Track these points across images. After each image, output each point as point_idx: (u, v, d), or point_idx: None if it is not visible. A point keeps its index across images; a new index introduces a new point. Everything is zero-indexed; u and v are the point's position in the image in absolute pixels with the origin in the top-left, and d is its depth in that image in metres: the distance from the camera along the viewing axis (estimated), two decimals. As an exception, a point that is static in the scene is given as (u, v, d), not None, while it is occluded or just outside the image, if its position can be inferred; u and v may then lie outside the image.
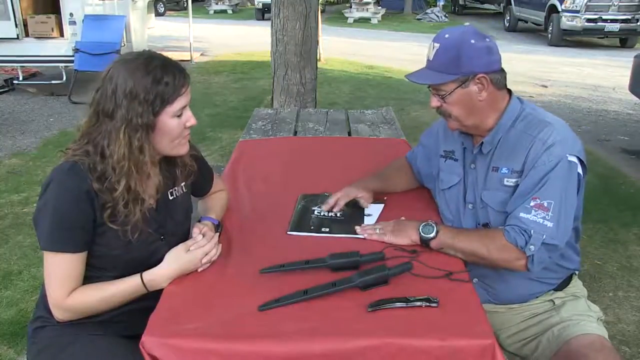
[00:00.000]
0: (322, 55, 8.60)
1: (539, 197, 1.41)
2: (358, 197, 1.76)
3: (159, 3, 16.63)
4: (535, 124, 1.50)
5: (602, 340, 1.44)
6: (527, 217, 1.41)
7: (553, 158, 1.43)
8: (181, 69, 1.37)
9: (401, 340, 1.16)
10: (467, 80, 1.47)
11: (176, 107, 1.34)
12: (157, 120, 1.33)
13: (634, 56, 5.10)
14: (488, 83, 1.48)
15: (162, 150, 1.40)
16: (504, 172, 1.52)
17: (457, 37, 1.48)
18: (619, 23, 11.09)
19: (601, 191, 4.11)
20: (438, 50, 1.48)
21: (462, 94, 1.48)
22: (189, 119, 1.39)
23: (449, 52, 1.47)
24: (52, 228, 1.30)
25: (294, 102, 4.13)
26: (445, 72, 1.47)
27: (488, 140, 1.55)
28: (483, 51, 1.48)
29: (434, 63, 1.50)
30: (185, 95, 1.36)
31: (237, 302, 1.30)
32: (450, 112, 1.52)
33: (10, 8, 6.57)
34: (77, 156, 1.33)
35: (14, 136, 5.37)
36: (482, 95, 1.49)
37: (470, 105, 1.50)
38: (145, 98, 1.29)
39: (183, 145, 1.43)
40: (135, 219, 1.35)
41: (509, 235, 1.42)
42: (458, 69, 1.46)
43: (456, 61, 1.46)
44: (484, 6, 18.64)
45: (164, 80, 1.31)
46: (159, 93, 1.30)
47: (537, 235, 1.40)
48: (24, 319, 2.48)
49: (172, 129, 1.36)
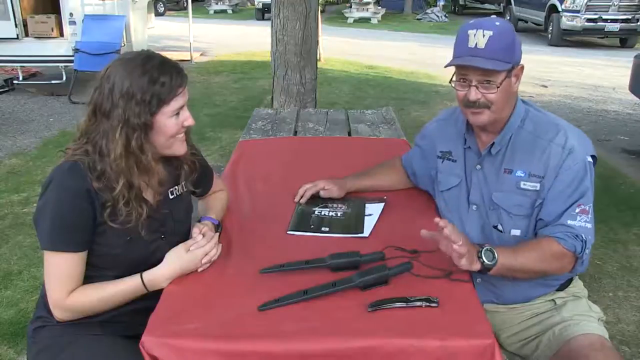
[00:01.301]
0: (322, 55, 8.60)
1: (582, 203, 1.44)
2: (324, 189, 1.80)
3: (159, 3, 16.62)
4: (546, 126, 1.51)
5: (603, 341, 1.43)
6: (575, 223, 1.43)
7: (578, 161, 1.45)
8: (179, 69, 1.37)
9: (401, 340, 1.16)
10: (513, 69, 1.46)
11: (173, 107, 1.35)
12: (154, 120, 1.33)
13: (634, 56, 5.10)
14: (521, 74, 1.49)
15: (160, 150, 1.40)
16: (520, 175, 1.50)
17: (507, 25, 1.47)
18: (619, 23, 11.09)
19: (601, 191, 4.10)
20: (492, 37, 1.40)
21: (506, 84, 1.45)
22: (186, 119, 1.40)
23: (506, 38, 1.42)
24: (52, 228, 1.30)
25: (294, 102, 4.12)
26: (502, 59, 1.41)
27: (498, 141, 1.54)
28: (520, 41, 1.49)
29: (487, 50, 1.40)
30: (182, 95, 1.37)
31: (237, 302, 1.30)
32: (493, 104, 1.46)
33: (10, 8, 6.56)
34: (76, 156, 1.33)
35: (14, 136, 5.37)
36: (516, 86, 1.49)
37: (508, 97, 1.49)
38: (142, 98, 1.30)
39: (180, 146, 1.43)
40: (137, 216, 1.36)
41: (566, 243, 1.42)
42: (512, 57, 1.43)
43: (512, 48, 1.43)
44: (484, 6, 18.64)
45: (161, 80, 1.31)
46: (155, 93, 1.31)
47: (588, 238, 1.44)
48: (24, 319, 2.48)
49: (169, 129, 1.36)
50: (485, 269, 1.37)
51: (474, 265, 1.36)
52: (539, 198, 1.48)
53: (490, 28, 1.41)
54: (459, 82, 1.48)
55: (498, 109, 1.47)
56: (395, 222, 1.71)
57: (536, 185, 1.48)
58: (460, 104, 1.52)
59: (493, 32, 1.40)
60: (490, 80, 1.43)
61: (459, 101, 1.51)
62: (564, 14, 11.35)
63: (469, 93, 1.45)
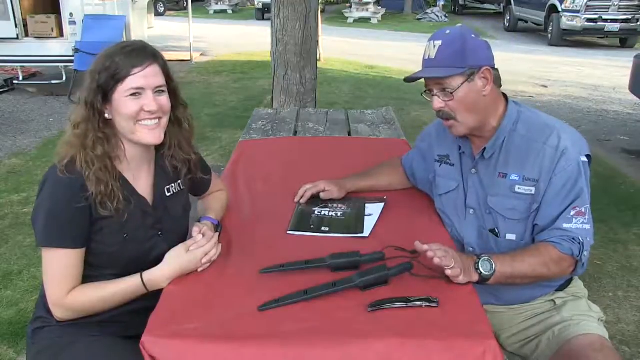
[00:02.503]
0: (322, 55, 8.60)
1: (577, 205, 1.44)
2: (324, 190, 1.80)
3: (159, 3, 16.63)
4: (539, 128, 1.50)
5: (603, 341, 1.43)
6: (570, 226, 1.43)
7: (571, 162, 1.45)
8: (144, 52, 1.37)
9: (401, 340, 1.16)
10: (474, 74, 1.46)
11: (128, 85, 1.33)
12: (113, 98, 1.35)
13: (634, 56, 5.10)
14: (491, 77, 1.48)
15: (124, 133, 1.38)
16: (514, 179, 1.50)
17: (458, 32, 1.48)
18: (619, 23, 11.10)
19: (601, 191, 4.10)
20: (441, 46, 1.46)
21: (468, 90, 1.46)
22: (147, 104, 1.35)
23: (453, 45, 1.45)
24: (47, 224, 1.31)
25: (294, 102, 4.12)
26: (452, 66, 1.45)
27: (490, 146, 1.54)
28: (484, 45, 1.49)
29: (437, 60, 1.46)
30: (142, 76, 1.34)
31: (237, 302, 1.30)
32: (456, 112, 1.49)
33: (10, 8, 6.57)
34: (70, 152, 1.34)
35: (14, 136, 5.37)
36: (487, 89, 1.48)
37: (476, 102, 1.49)
38: (99, 76, 1.33)
39: (148, 134, 1.38)
40: (132, 209, 1.37)
41: (562, 247, 1.42)
42: (464, 62, 1.45)
43: (462, 54, 1.45)
44: (484, 6, 18.64)
45: (116, 59, 1.33)
46: (108, 70, 1.33)
47: (586, 240, 1.43)
48: (24, 319, 2.48)
49: (126, 109, 1.34)
50: (483, 279, 1.38)
51: (472, 277, 1.37)
52: (535, 202, 1.48)
53: (439, 38, 1.48)
54: (425, 93, 1.54)
55: (463, 118, 1.49)
56: (395, 222, 1.70)
57: (531, 189, 1.48)
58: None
59: (442, 41, 1.46)
60: (445, 88, 1.47)
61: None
62: (564, 14, 11.35)
63: (433, 102, 1.51)
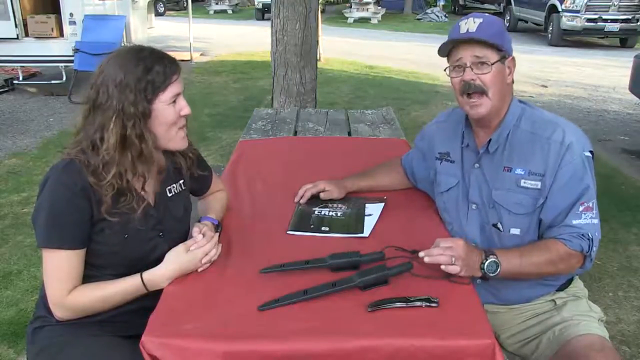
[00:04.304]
0: (322, 55, 8.60)
1: (585, 200, 1.44)
2: (324, 190, 1.80)
3: (159, 3, 16.64)
4: (543, 124, 1.51)
5: (603, 341, 1.43)
6: (580, 222, 1.44)
7: (576, 156, 1.45)
8: (171, 59, 1.39)
9: (401, 340, 1.16)
10: (504, 58, 1.48)
11: (169, 94, 1.36)
12: (152, 108, 1.35)
13: (634, 56, 5.11)
14: (514, 68, 1.51)
15: (160, 141, 1.40)
16: (520, 173, 1.50)
17: (497, 18, 1.51)
18: (619, 23, 11.09)
19: (601, 191, 4.06)
20: (482, 23, 1.44)
21: (499, 70, 1.47)
22: (183, 108, 1.41)
23: (495, 25, 1.47)
24: (48, 224, 1.31)
25: (294, 102, 4.12)
26: (494, 41, 1.45)
27: (495, 138, 1.54)
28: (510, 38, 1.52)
29: (478, 32, 1.43)
30: (177, 83, 1.38)
31: (237, 302, 1.30)
32: (489, 87, 1.46)
33: (10, 8, 6.57)
34: (72, 153, 1.34)
35: (14, 136, 5.37)
36: (510, 78, 1.51)
37: (502, 85, 1.50)
38: (137, 87, 1.32)
39: (181, 139, 1.44)
40: (134, 210, 1.36)
41: (572, 244, 1.43)
42: (503, 43, 1.46)
43: (501, 35, 1.47)
44: (484, 6, 18.62)
45: (155, 69, 1.33)
46: (150, 81, 1.33)
47: (595, 235, 1.44)
48: (24, 319, 2.48)
49: (167, 117, 1.38)
50: (486, 277, 1.40)
51: (475, 273, 1.39)
52: (541, 197, 1.48)
53: (480, 17, 1.48)
54: (454, 69, 1.51)
55: (494, 94, 1.48)
56: (395, 222, 1.71)
57: (537, 184, 1.48)
58: (457, 95, 1.53)
59: (483, 19, 1.46)
60: (483, 60, 1.45)
61: (456, 91, 1.52)
62: (564, 14, 11.35)
63: (464, 74, 1.47)
